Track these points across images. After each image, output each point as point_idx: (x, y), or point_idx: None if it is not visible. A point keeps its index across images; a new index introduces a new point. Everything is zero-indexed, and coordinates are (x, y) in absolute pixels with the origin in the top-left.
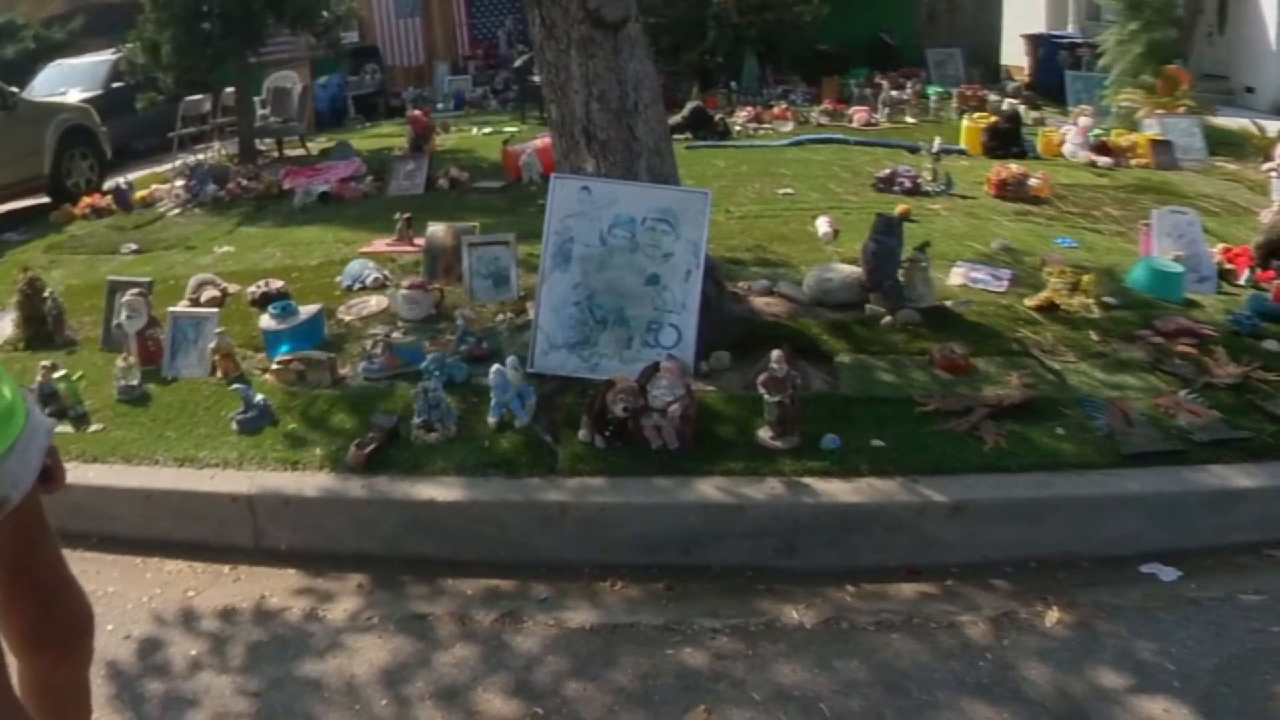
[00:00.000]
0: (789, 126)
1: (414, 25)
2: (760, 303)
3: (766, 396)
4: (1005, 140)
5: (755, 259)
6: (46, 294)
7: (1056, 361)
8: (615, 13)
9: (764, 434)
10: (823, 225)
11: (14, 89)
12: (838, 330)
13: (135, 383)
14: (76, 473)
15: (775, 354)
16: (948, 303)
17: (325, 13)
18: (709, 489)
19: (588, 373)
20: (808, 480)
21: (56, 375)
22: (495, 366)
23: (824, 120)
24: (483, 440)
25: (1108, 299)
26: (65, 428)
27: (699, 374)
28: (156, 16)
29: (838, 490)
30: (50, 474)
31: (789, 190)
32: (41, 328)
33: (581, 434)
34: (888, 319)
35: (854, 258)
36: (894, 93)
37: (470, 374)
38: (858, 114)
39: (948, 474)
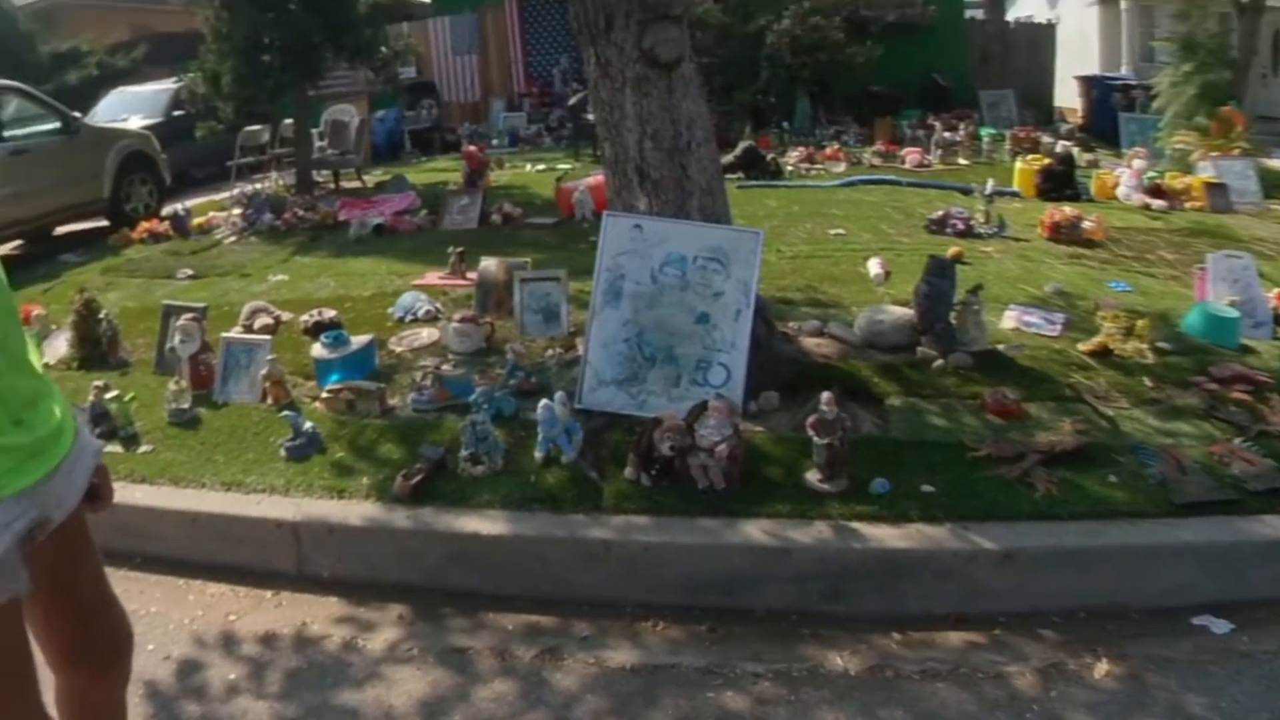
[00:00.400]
0: (841, 167)
1: (470, 62)
2: (811, 343)
3: (815, 438)
4: (1059, 182)
5: (806, 299)
6: (102, 315)
7: (1109, 408)
8: (670, 52)
9: (812, 476)
10: (874, 266)
11: (77, 114)
12: (888, 373)
13: (186, 406)
14: (124, 492)
15: (825, 396)
16: (1000, 346)
17: (384, 48)
18: (755, 531)
19: (635, 410)
20: (855, 525)
21: (109, 395)
22: (543, 401)
23: (876, 161)
24: (529, 475)
25: (1162, 344)
26: (115, 448)
27: (747, 414)
28: (218, 48)
29: (886, 535)
30: (97, 493)
31: (841, 231)
32: (96, 348)
33: (627, 471)
34: (939, 362)
35: (906, 300)
36: (947, 134)
37: (518, 408)
38: (910, 155)
39: (998, 521)
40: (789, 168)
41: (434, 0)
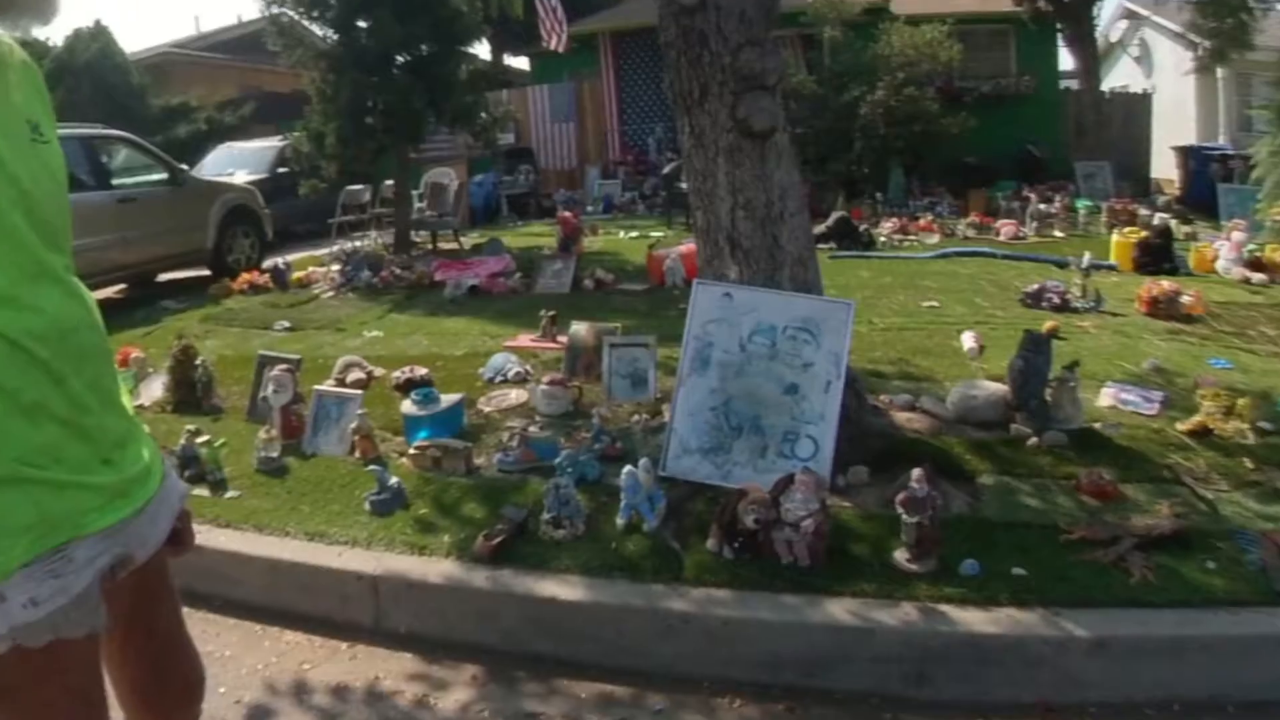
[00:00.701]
0: (935, 239)
1: (568, 130)
2: (902, 418)
3: (905, 516)
4: (1156, 256)
5: (898, 372)
6: (199, 362)
7: (1209, 490)
8: (763, 123)
9: (900, 555)
10: (968, 340)
11: (184, 166)
12: (981, 450)
13: (275, 455)
14: (208, 536)
15: (915, 472)
16: (1096, 425)
17: (484, 115)
18: (838, 610)
19: (720, 480)
20: (943, 607)
21: (200, 440)
22: (627, 468)
23: (970, 233)
24: (610, 541)
25: (1264, 424)
26: (203, 491)
27: (835, 489)
28: (323, 109)
29: (974, 619)
30: (179, 537)
31: (934, 303)
32: (191, 393)
33: (710, 543)
34: (1033, 440)
35: (1000, 375)
36: (1042, 206)
37: (602, 473)
38: (1005, 227)
39: (1091, 607)
40: (882, 239)
41: (533, 68)
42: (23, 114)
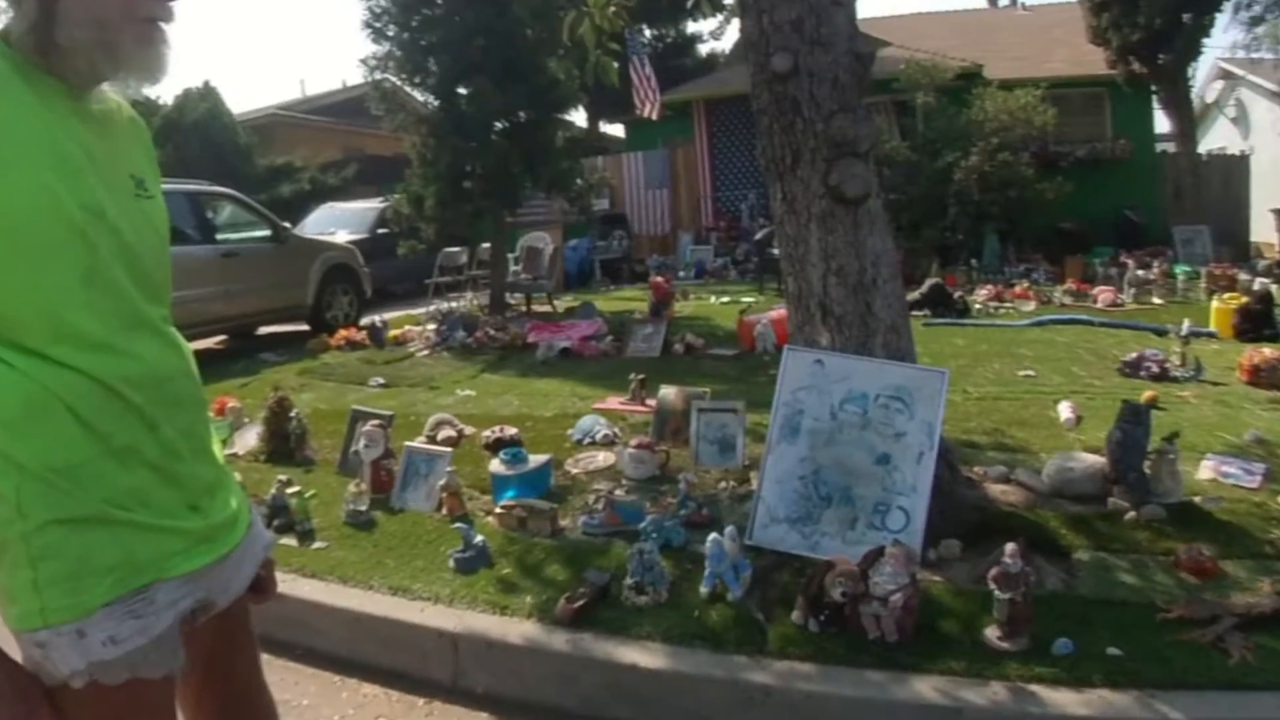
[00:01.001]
0: (1031, 306)
1: (662, 196)
2: (996, 490)
3: (997, 592)
4: (1257, 322)
5: (992, 443)
6: (293, 414)
7: None
8: (855, 189)
9: (991, 633)
10: (1065, 410)
11: (287, 224)
12: (1077, 524)
13: (363, 508)
14: (293, 585)
15: (1009, 547)
16: (1196, 498)
17: (579, 181)
18: (926, 688)
19: (807, 551)
20: (1034, 687)
21: (291, 490)
22: (713, 535)
23: (1067, 300)
24: (692, 609)
25: None
26: (290, 541)
27: (925, 562)
28: (424, 172)
29: (1066, 701)
30: (262, 585)
31: (1030, 372)
32: (284, 444)
33: (795, 615)
34: (1131, 514)
35: (1097, 446)
36: (1139, 272)
37: (687, 539)
38: (1102, 294)
39: (1187, 689)
40: (977, 306)
41: (628, 135)
42: (128, 169)
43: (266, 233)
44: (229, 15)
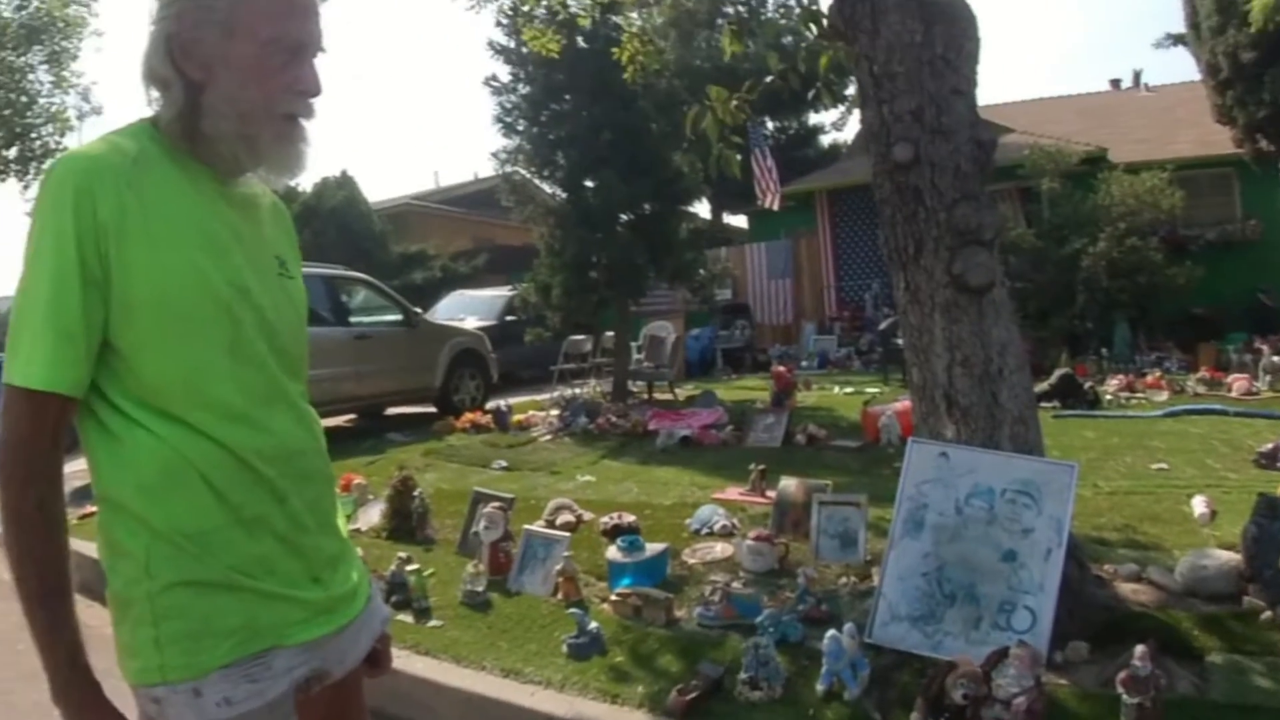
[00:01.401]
0: (1163, 396)
1: (784, 286)
2: (1126, 589)
3: (1125, 697)
4: None
5: (1123, 540)
6: (416, 493)
7: None
8: (980, 278)
9: None
10: (1199, 505)
11: (418, 310)
12: (1210, 625)
13: (480, 589)
14: (407, 661)
15: (1139, 649)
16: None
17: (702, 271)
18: None
19: (929, 650)
20: None
21: (410, 568)
22: (831, 632)
23: (1200, 389)
24: (807, 707)
25: None
26: (407, 618)
27: (1051, 664)
28: (551, 262)
29: None
30: (377, 658)
31: (1163, 465)
32: (406, 522)
33: (914, 716)
34: (1267, 613)
35: (1233, 543)
36: (1275, 358)
37: (805, 635)
38: (1237, 382)
39: None
40: (1108, 396)
41: (751, 226)
42: (272, 250)
43: (398, 317)
44: (367, 108)
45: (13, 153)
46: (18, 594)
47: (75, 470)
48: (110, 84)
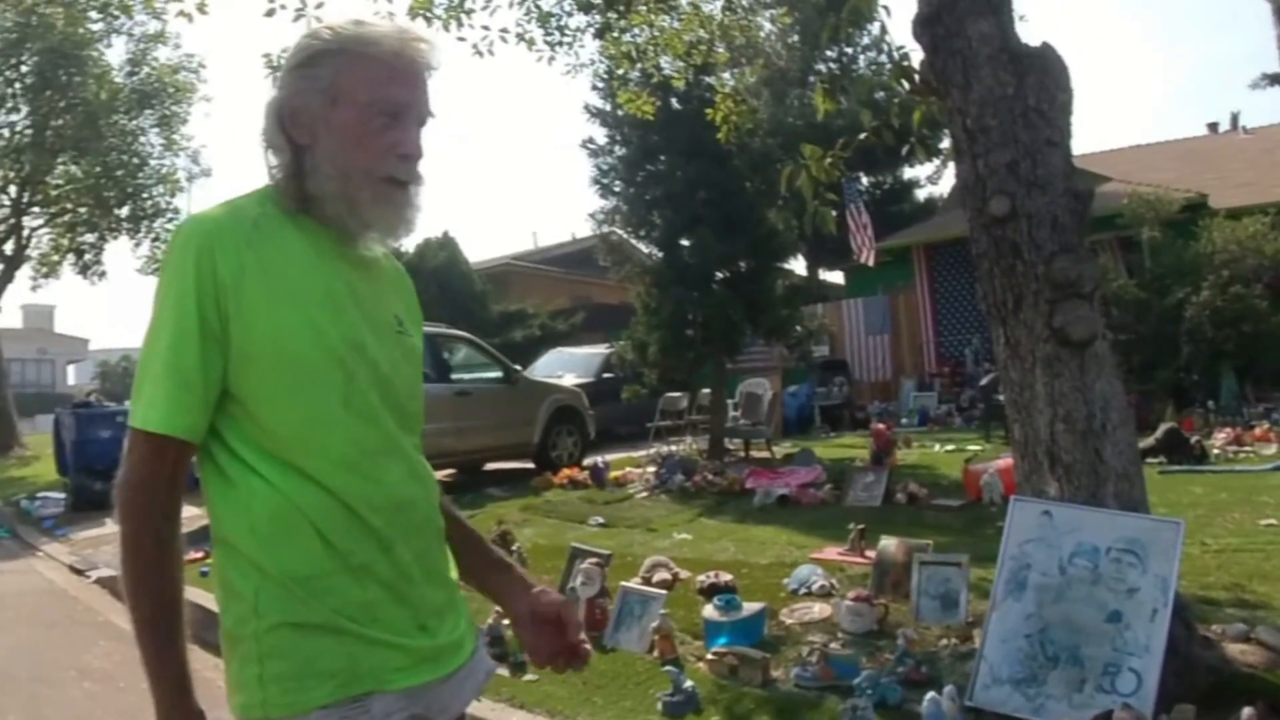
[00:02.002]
0: (1272, 449)
1: (882, 342)
2: (1234, 650)
3: None
4: None
5: (1232, 599)
6: (514, 547)
7: None
8: (1081, 331)
9: None
10: None
11: (518, 367)
12: None
13: None
14: (502, 715)
15: (1247, 711)
16: None
17: (799, 327)
18: None
19: (1031, 714)
20: None
21: (507, 622)
22: (930, 694)
23: None
24: None
25: None
26: (503, 671)
27: None
28: (647, 320)
29: None
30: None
31: (1272, 521)
32: None
33: None
34: None
35: None
36: None
37: (904, 698)
38: None
39: None
40: (1216, 451)
41: (848, 282)
42: (391, 309)
43: (498, 374)
44: (469, 171)
45: (125, 211)
46: (131, 621)
47: (193, 514)
48: (219, 148)
